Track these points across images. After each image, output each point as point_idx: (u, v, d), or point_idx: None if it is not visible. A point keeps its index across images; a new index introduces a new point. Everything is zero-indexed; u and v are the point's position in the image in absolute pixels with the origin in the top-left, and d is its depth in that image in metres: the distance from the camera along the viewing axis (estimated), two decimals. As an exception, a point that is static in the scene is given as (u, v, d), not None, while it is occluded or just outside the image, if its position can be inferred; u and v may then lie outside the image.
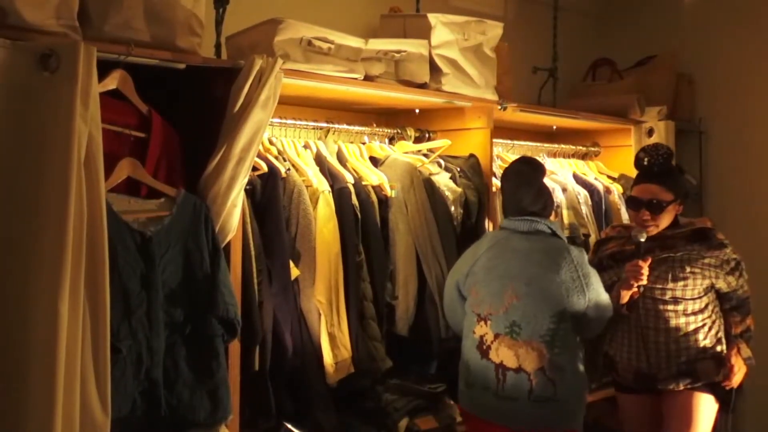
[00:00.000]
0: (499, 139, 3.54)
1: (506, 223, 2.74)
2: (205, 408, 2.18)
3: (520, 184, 2.71)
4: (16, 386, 1.78)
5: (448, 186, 3.10)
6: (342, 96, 2.95)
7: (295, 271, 2.59)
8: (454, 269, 2.81)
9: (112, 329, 1.95)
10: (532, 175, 2.73)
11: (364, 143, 3.12)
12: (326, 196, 2.70)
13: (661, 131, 3.96)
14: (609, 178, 4.09)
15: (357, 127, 3.12)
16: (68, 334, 1.79)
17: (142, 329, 2.09)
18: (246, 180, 2.32)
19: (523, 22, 4.30)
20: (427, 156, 3.18)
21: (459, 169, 3.20)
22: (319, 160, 2.86)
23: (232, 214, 2.32)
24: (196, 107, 2.42)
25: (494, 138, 3.31)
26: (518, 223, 2.69)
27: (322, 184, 2.72)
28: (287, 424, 2.50)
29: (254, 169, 2.50)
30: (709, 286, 2.92)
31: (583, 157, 4.16)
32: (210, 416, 2.19)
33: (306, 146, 2.91)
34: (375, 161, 3.09)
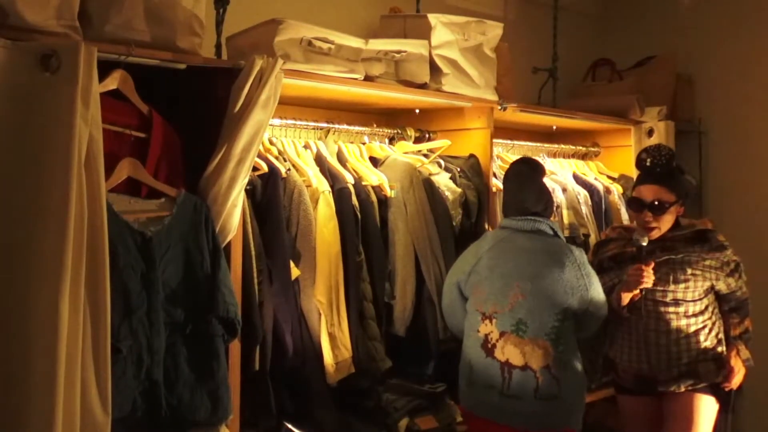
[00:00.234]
0: (499, 139, 3.54)
1: (507, 222, 2.74)
2: (206, 408, 2.19)
3: (522, 185, 2.73)
4: (17, 386, 1.78)
5: (447, 186, 3.10)
6: (342, 96, 2.96)
7: (295, 271, 2.59)
8: (454, 269, 2.81)
9: (113, 329, 1.95)
10: (533, 175, 2.76)
11: (364, 143, 3.12)
12: (326, 197, 2.70)
13: (660, 131, 3.96)
14: (609, 178, 4.09)
15: (357, 128, 3.12)
16: (69, 334, 1.79)
17: (142, 329, 2.09)
18: (246, 180, 2.32)
19: (523, 22, 4.31)
20: (427, 156, 3.18)
21: (459, 170, 3.20)
22: (320, 161, 2.86)
23: (233, 214, 2.32)
24: (197, 107, 2.42)
25: (494, 138, 3.31)
26: (521, 223, 2.70)
27: (323, 185, 2.72)
28: (287, 424, 2.50)
29: (255, 169, 2.50)
30: (710, 288, 2.92)
31: (583, 157, 4.16)
32: (210, 416, 2.20)
33: (306, 146, 2.91)
34: (375, 161, 3.09)
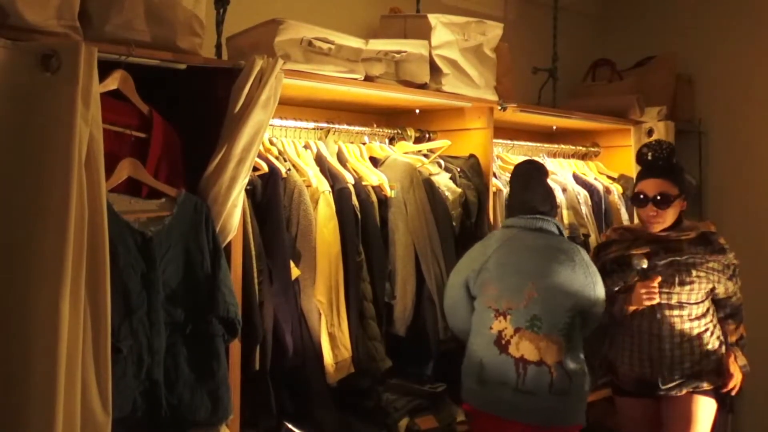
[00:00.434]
0: (499, 139, 3.55)
1: (514, 221, 2.78)
2: (206, 408, 2.19)
3: (529, 185, 2.78)
4: (18, 386, 1.78)
5: (447, 186, 3.10)
6: (342, 96, 2.96)
7: (295, 271, 2.59)
8: (460, 267, 2.82)
9: (113, 329, 1.95)
10: (540, 176, 2.82)
11: (364, 143, 3.12)
12: (326, 197, 2.70)
13: (660, 131, 3.95)
14: (609, 178, 4.09)
15: (357, 128, 3.11)
16: (69, 334, 1.79)
17: (142, 329, 2.09)
18: (246, 180, 2.32)
19: (523, 22, 4.31)
20: (427, 156, 3.18)
21: (459, 170, 3.20)
22: (320, 161, 2.86)
23: (233, 215, 2.32)
24: (197, 108, 2.42)
25: (494, 138, 3.31)
26: (529, 221, 2.75)
27: (323, 185, 2.72)
28: (288, 424, 2.50)
29: (255, 169, 2.50)
30: (711, 291, 2.92)
31: (583, 157, 4.16)
32: (210, 416, 2.20)
33: (306, 146, 2.91)
34: (375, 161, 3.09)
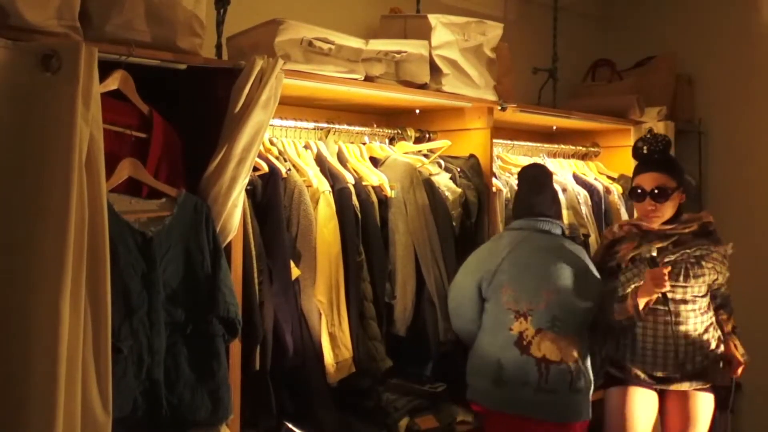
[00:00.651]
0: (499, 139, 3.55)
1: (523, 223, 2.82)
2: (206, 407, 2.18)
3: (537, 188, 2.84)
4: (18, 386, 1.78)
5: (448, 186, 3.10)
6: (342, 96, 2.96)
7: (295, 271, 2.59)
8: (471, 269, 2.84)
9: (113, 329, 1.95)
10: (547, 180, 2.89)
11: (364, 144, 3.12)
12: (327, 197, 2.70)
13: (660, 131, 3.96)
14: (609, 178, 4.09)
15: (357, 128, 3.11)
16: (69, 334, 1.79)
17: (143, 329, 2.09)
18: (247, 180, 2.32)
19: (523, 22, 4.31)
20: (427, 156, 3.18)
21: (459, 170, 3.20)
22: (320, 161, 2.86)
23: (233, 215, 2.32)
24: (197, 108, 2.42)
25: (494, 138, 3.31)
26: (539, 223, 2.80)
27: (323, 185, 2.72)
28: (288, 424, 2.50)
29: (255, 169, 2.50)
30: (713, 282, 2.91)
31: (583, 157, 4.16)
32: (211, 416, 2.19)
33: (306, 146, 2.91)
34: (375, 161, 3.09)
